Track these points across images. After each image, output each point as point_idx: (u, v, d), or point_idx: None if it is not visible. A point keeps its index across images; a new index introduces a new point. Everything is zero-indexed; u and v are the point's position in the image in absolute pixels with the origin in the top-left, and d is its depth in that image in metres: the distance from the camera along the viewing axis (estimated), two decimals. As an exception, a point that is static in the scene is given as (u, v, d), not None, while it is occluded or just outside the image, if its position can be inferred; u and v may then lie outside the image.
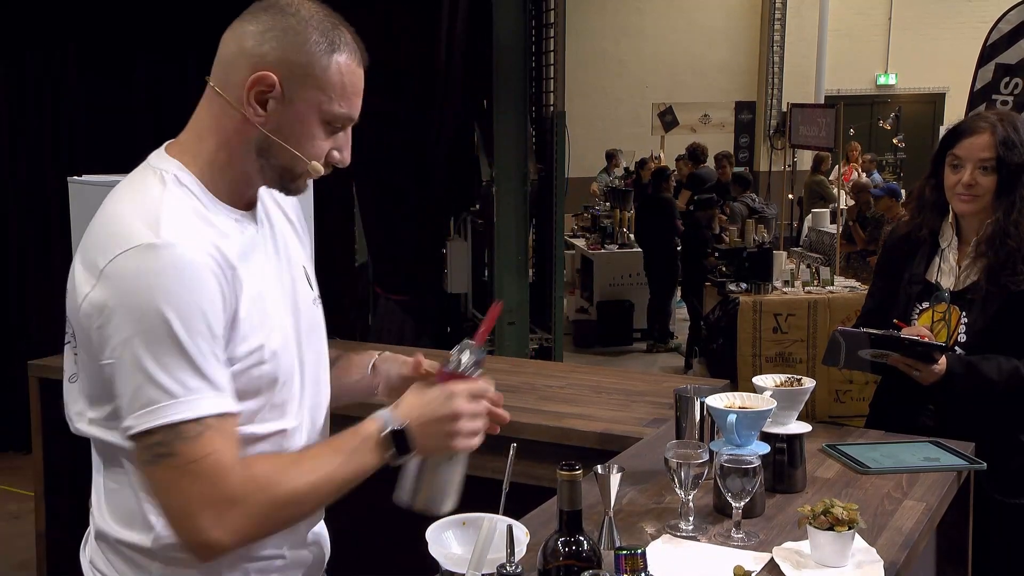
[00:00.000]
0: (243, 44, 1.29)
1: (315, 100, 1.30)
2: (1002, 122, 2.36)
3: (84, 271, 1.24)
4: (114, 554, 1.35)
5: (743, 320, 5.82)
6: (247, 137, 1.31)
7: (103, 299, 1.20)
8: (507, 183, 5.32)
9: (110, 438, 1.29)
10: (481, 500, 1.63)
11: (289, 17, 1.29)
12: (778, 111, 13.49)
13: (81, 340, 1.28)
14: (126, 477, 1.31)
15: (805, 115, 7.30)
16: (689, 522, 1.73)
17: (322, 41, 1.29)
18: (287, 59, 1.28)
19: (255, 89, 1.28)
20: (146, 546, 1.31)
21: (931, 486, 1.96)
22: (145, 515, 1.30)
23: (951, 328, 2.38)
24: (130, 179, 1.34)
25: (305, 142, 1.31)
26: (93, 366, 1.26)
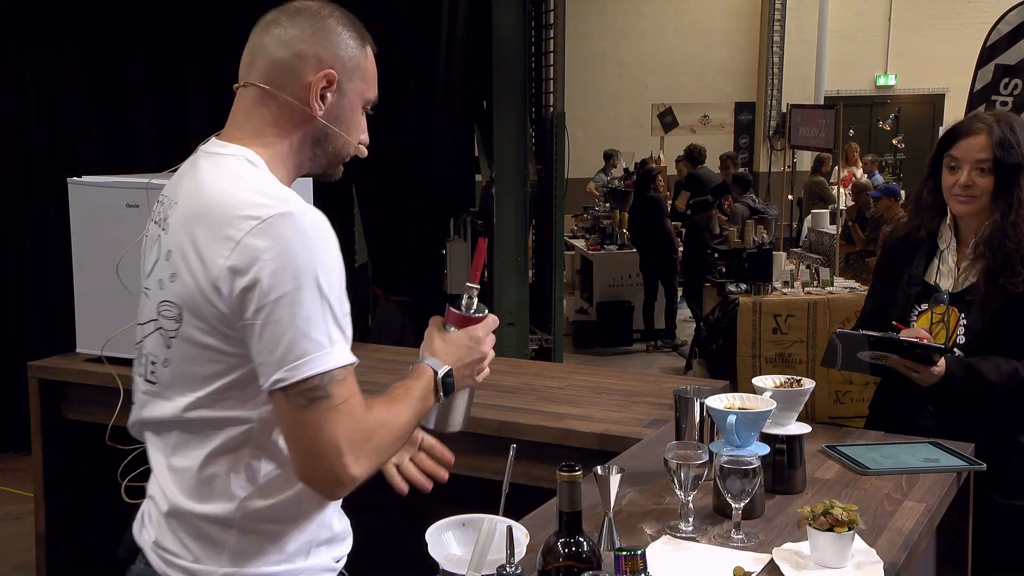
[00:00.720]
0: (295, 48, 1.42)
1: (359, 89, 1.48)
2: (999, 123, 2.35)
3: (213, 245, 1.30)
4: (187, 531, 1.40)
5: (743, 321, 5.82)
6: (307, 129, 1.45)
7: (246, 265, 1.28)
8: (507, 184, 5.32)
9: (212, 413, 1.36)
10: (481, 501, 1.63)
11: (326, 19, 1.45)
12: (778, 112, 13.50)
13: (203, 313, 1.32)
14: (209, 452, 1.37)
15: (805, 116, 7.30)
16: (689, 523, 1.73)
17: (356, 36, 1.47)
18: (339, 56, 1.44)
19: (316, 87, 1.43)
20: (226, 516, 1.38)
21: (931, 487, 1.96)
22: (228, 487, 1.37)
23: (950, 330, 2.38)
24: (213, 164, 1.41)
25: (353, 128, 1.49)
26: (213, 336, 1.32)
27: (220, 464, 1.38)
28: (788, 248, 7.94)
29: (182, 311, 1.35)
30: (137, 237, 2.78)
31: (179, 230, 1.37)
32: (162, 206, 1.47)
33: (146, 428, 1.47)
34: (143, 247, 1.53)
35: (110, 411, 3.25)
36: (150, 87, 5.39)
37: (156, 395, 1.42)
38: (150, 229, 1.49)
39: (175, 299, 1.36)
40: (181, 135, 5.33)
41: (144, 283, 1.46)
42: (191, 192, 1.39)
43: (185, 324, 1.35)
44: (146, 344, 1.44)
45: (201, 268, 1.31)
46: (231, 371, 1.34)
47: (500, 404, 2.73)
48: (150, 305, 1.42)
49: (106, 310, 3.11)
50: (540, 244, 5.93)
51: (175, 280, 1.35)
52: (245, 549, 1.39)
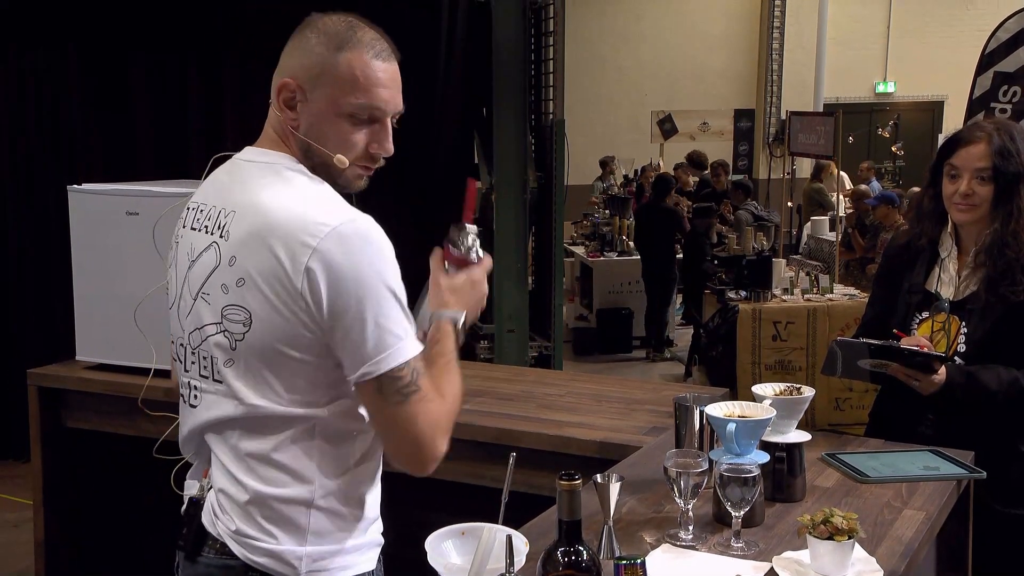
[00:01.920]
0: (280, 60, 1.52)
1: (331, 96, 1.47)
2: (999, 131, 2.35)
3: (288, 253, 1.38)
4: (268, 517, 1.47)
5: (742, 328, 5.82)
6: (294, 139, 1.51)
7: (323, 270, 1.37)
8: (507, 191, 5.32)
9: (279, 410, 1.44)
10: (480, 509, 1.63)
11: (306, 29, 1.50)
12: (777, 119, 13.49)
13: (277, 317, 1.40)
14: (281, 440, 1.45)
15: (804, 123, 7.31)
16: (689, 531, 1.73)
17: (329, 42, 1.47)
18: (301, 64, 1.48)
19: (281, 95, 1.49)
20: (305, 498, 1.47)
21: (931, 495, 1.96)
22: (304, 471, 1.46)
23: (951, 338, 2.37)
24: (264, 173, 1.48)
25: (330, 138, 1.49)
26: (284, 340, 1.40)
27: (294, 450, 1.46)
28: (788, 255, 7.94)
29: (251, 315, 1.42)
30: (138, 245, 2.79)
31: (248, 238, 1.42)
32: (203, 213, 1.52)
33: (210, 429, 1.51)
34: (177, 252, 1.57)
35: (110, 418, 3.25)
36: (150, 87, 5.39)
37: (223, 394, 1.48)
38: (190, 236, 1.53)
39: (243, 304, 1.42)
40: (181, 135, 5.34)
41: (198, 288, 1.49)
42: (252, 202, 1.45)
43: (255, 328, 1.42)
44: (206, 346, 1.49)
45: (277, 275, 1.39)
46: (300, 373, 1.43)
47: (500, 412, 2.72)
48: (211, 309, 1.47)
49: (106, 317, 3.11)
50: (540, 251, 5.93)
51: (243, 285, 1.42)
52: (322, 528, 1.49)
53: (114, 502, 3.39)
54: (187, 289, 1.52)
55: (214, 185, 1.56)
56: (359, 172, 1.54)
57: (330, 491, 1.49)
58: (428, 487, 2.55)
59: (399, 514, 1.70)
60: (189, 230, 1.54)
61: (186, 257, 1.53)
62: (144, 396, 2.87)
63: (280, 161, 1.49)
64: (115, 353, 3.14)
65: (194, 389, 1.53)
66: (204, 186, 1.59)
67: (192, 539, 1.52)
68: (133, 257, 2.92)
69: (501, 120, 5.32)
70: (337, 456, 1.49)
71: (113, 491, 3.38)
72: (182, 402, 1.58)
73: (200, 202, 1.55)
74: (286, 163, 1.49)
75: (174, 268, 1.58)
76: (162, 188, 3.03)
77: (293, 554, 1.47)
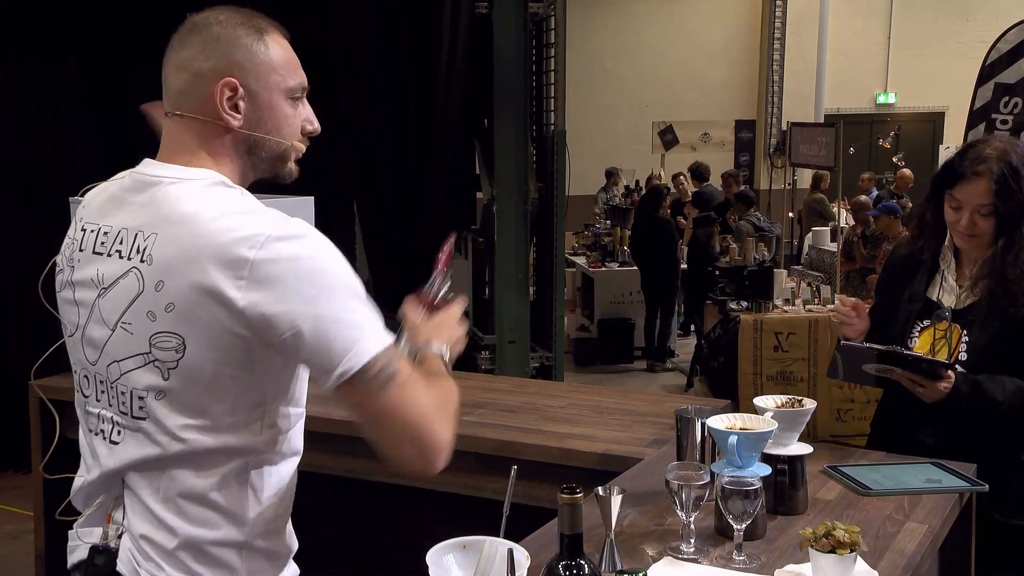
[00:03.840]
0: (191, 68, 1.41)
1: (273, 82, 1.43)
2: (1000, 161, 2.28)
3: (224, 270, 1.30)
4: (199, 560, 1.40)
5: (744, 338, 5.81)
6: (235, 142, 1.43)
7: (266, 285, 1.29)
8: (508, 201, 5.33)
9: (215, 442, 1.37)
10: (481, 522, 1.63)
11: (213, 27, 1.42)
12: (778, 130, 13.52)
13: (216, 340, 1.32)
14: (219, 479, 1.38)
15: (805, 134, 7.31)
16: (690, 544, 1.73)
17: (249, 30, 1.42)
18: (234, 60, 1.40)
19: (223, 97, 1.40)
20: (238, 539, 1.41)
21: (933, 508, 1.95)
22: (239, 510, 1.40)
23: (952, 346, 2.37)
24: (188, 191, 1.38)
25: (282, 125, 1.45)
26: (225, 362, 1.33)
27: (230, 489, 1.39)
28: (789, 265, 7.94)
29: (184, 340, 1.33)
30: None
31: (176, 260, 1.33)
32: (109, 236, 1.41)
33: (134, 469, 1.41)
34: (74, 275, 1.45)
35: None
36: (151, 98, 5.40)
37: (152, 431, 1.38)
38: (94, 261, 1.42)
39: (175, 330, 1.33)
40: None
41: (116, 318, 1.38)
42: (178, 221, 1.35)
43: (189, 352, 1.33)
44: (128, 380, 1.38)
45: (212, 295, 1.30)
46: (241, 395, 1.36)
47: (501, 423, 2.72)
48: (135, 339, 1.36)
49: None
50: (541, 261, 5.94)
51: (172, 310, 1.32)
52: (254, 568, 1.43)
53: (114, 514, 3.38)
54: (97, 317, 1.41)
55: (116, 205, 1.43)
56: (296, 155, 1.50)
57: (261, 530, 1.43)
58: (429, 499, 2.55)
59: (400, 527, 1.70)
60: (91, 254, 1.43)
61: (92, 284, 1.42)
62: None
63: (201, 177, 1.39)
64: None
65: (115, 424, 1.42)
66: (99, 206, 1.47)
67: None
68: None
69: (502, 131, 5.33)
70: (267, 492, 1.43)
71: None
72: (93, 439, 1.47)
73: (100, 223, 1.43)
74: (209, 178, 1.40)
75: (71, 292, 1.46)
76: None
77: None
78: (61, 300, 1.50)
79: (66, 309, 1.49)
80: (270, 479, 1.43)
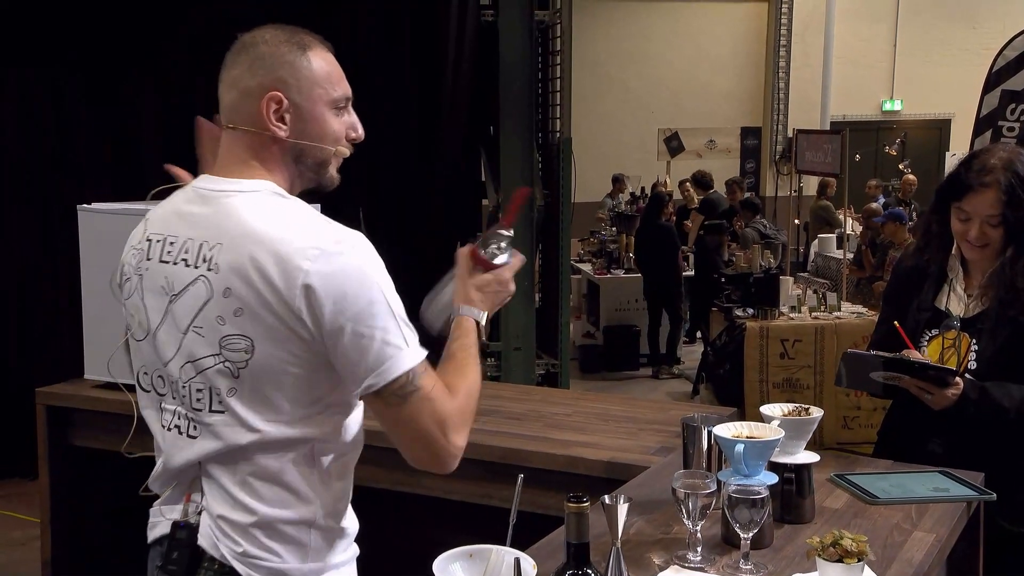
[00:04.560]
0: (240, 86, 1.53)
1: (317, 95, 1.53)
2: (1007, 171, 2.27)
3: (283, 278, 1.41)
4: (273, 538, 1.50)
5: (750, 346, 5.80)
6: (283, 151, 1.54)
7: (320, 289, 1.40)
8: (513, 209, 5.32)
9: (285, 433, 1.48)
10: (487, 530, 1.63)
11: (259, 46, 1.53)
12: (784, 137, 13.52)
13: (280, 341, 1.43)
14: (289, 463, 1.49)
15: (811, 141, 7.32)
16: (697, 553, 1.72)
17: (293, 47, 1.53)
18: (278, 76, 1.51)
19: (269, 109, 1.51)
20: (308, 518, 1.52)
21: (941, 517, 1.95)
22: (309, 492, 1.51)
23: (961, 355, 2.36)
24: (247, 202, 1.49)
25: (326, 133, 1.55)
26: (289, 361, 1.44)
27: (299, 471, 1.50)
28: (795, 273, 7.93)
29: (254, 342, 1.44)
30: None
31: (240, 268, 1.44)
32: (176, 246, 1.51)
33: (214, 459, 1.51)
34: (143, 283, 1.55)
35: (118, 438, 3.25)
36: (158, 115, 5.43)
37: (229, 423, 1.49)
38: (162, 269, 1.52)
39: (244, 332, 1.44)
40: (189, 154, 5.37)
41: (187, 322, 1.49)
42: (241, 233, 1.46)
43: (258, 352, 1.44)
44: (203, 378, 1.49)
45: (275, 299, 1.42)
46: (306, 390, 1.47)
47: (507, 431, 2.72)
48: (206, 341, 1.47)
49: (114, 337, 3.11)
50: (546, 268, 5.94)
51: (241, 315, 1.44)
52: (319, 546, 1.54)
53: (120, 521, 3.39)
54: (170, 322, 1.51)
55: (180, 217, 1.55)
56: (339, 162, 1.60)
57: (327, 510, 1.54)
58: (435, 507, 2.55)
59: (406, 534, 1.70)
60: (158, 262, 1.54)
61: (162, 291, 1.52)
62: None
63: (261, 188, 1.51)
64: (123, 372, 3.14)
65: (189, 421, 1.53)
66: (164, 218, 1.58)
67: (186, 562, 1.52)
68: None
69: (508, 138, 5.34)
70: (332, 475, 1.54)
71: (120, 510, 3.38)
72: (168, 433, 1.56)
73: (166, 234, 1.55)
74: (265, 189, 1.51)
75: (139, 299, 1.56)
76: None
77: (299, 571, 1.52)
78: (130, 305, 1.60)
79: (135, 314, 1.58)
80: (336, 463, 1.54)
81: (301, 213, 1.49)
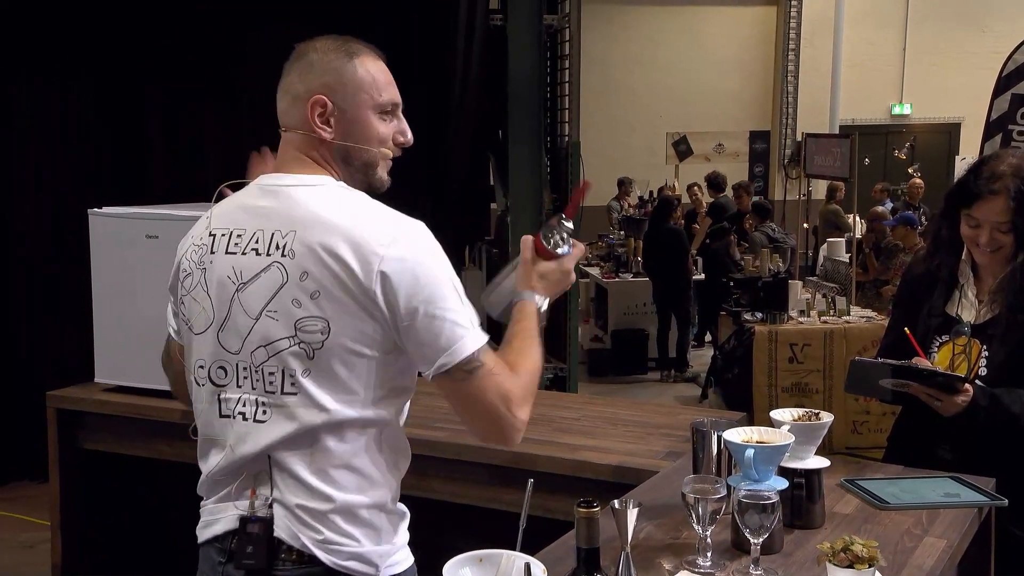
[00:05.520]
0: (291, 91, 1.62)
1: (362, 100, 1.61)
2: (1016, 178, 2.27)
3: (360, 262, 1.49)
4: (352, 523, 1.56)
5: (759, 350, 5.79)
6: (331, 152, 1.62)
7: (394, 275, 1.49)
8: (522, 213, 5.33)
9: (357, 414, 1.54)
10: (497, 535, 1.63)
11: (310, 54, 1.63)
12: (792, 140, 13.49)
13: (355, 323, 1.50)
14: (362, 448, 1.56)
15: (820, 145, 7.31)
16: (707, 558, 1.72)
17: (340, 55, 1.61)
18: (324, 81, 1.60)
19: (315, 112, 1.60)
20: (382, 501, 1.59)
21: (952, 522, 1.94)
22: (381, 476, 1.59)
23: (972, 361, 2.36)
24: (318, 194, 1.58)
25: (370, 136, 1.62)
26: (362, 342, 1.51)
27: (369, 456, 1.57)
28: (804, 277, 7.91)
29: (329, 323, 1.50)
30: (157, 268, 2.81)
31: (317, 253, 1.51)
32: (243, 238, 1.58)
33: (284, 444, 1.54)
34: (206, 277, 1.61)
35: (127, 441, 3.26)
36: (165, 119, 5.46)
37: (302, 404, 1.54)
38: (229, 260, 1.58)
39: (321, 314, 1.51)
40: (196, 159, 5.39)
41: (260, 307, 1.55)
42: (313, 220, 1.54)
43: (333, 334, 1.51)
44: (276, 361, 1.54)
45: (352, 282, 1.49)
46: (377, 371, 1.54)
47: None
48: (281, 324, 1.53)
49: (125, 340, 3.13)
50: (555, 273, 5.93)
51: (318, 297, 1.51)
52: (391, 528, 1.62)
53: (130, 524, 3.40)
54: (239, 309, 1.56)
55: (247, 210, 1.61)
56: (388, 164, 1.67)
57: (394, 493, 1.63)
58: (445, 511, 2.55)
59: (416, 539, 1.70)
60: (223, 255, 1.59)
61: (228, 281, 1.57)
62: (164, 419, 2.88)
63: (325, 182, 1.60)
64: (133, 376, 3.16)
65: (259, 405, 1.56)
66: (228, 213, 1.64)
67: (265, 554, 1.55)
68: (152, 280, 2.93)
69: (516, 142, 5.34)
70: (396, 459, 1.63)
71: (130, 513, 3.39)
72: (229, 423, 1.59)
73: (232, 228, 1.61)
74: (331, 182, 1.60)
75: (204, 290, 1.61)
76: (182, 212, 3.06)
77: (376, 553, 1.58)
78: (189, 300, 1.64)
79: (197, 307, 1.63)
80: (398, 444, 1.63)
81: (367, 203, 1.58)
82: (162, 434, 3.03)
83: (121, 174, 5.40)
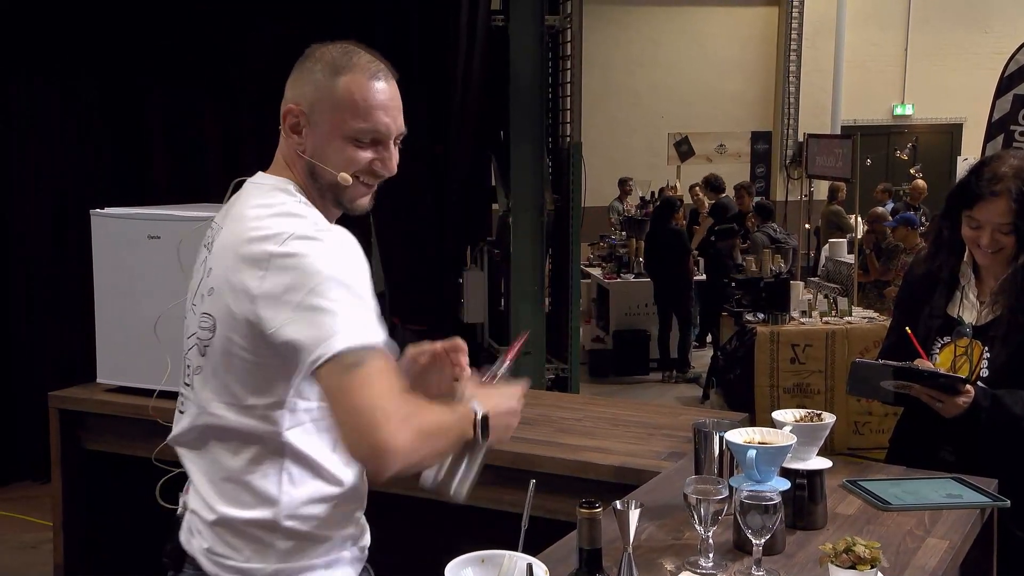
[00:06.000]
0: (285, 93, 1.58)
1: (335, 120, 1.52)
2: (1017, 179, 2.27)
3: (249, 260, 1.43)
4: (236, 536, 1.51)
5: (760, 351, 5.78)
6: (302, 164, 1.56)
7: (281, 270, 1.40)
8: (523, 213, 5.33)
9: (239, 422, 1.49)
10: (499, 536, 1.63)
11: (307, 61, 1.57)
12: (794, 141, 13.49)
13: (236, 323, 1.44)
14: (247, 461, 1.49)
15: (822, 146, 7.31)
16: (709, 559, 1.72)
17: (327, 69, 1.53)
18: (303, 91, 1.55)
19: (287, 121, 1.57)
20: (270, 519, 1.50)
21: (954, 523, 1.94)
22: (269, 493, 1.50)
23: (973, 363, 2.36)
24: (253, 193, 1.55)
25: (334, 157, 1.53)
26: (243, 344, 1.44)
27: (262, 471, 1.50)
28: (806, 277, 7.90)
29: (216, 322, 1.48)
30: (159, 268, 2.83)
31: (221, 250, 1.51)
32: (211, 232, 1.61)
33: (182, 440, 1.57)
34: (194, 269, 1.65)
35: (129, 441, 3.26)
36: (165, 119, 5.46)
37: (192, 401, 1.55)
38: (201, 252, 1.62)
39: (211, 311, 1.49)
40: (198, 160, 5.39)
41: (191, 300, 1.59)
42: (232, 217, 1.54)
43: (218, 334, 1.48)
44: (189, 355, 1.57)
45: (239, 280, 1.44)
46: (256, 377, 1.47)
47: (517, 436, 2.69)
48: (195, 319, 1.55)
49: (127, 341, 3.13)
50: (556, 273, 5.93)
51: (212, 294, 1.49)
52: (288, 547, 1.52)
53: (133, 524, 3.40)
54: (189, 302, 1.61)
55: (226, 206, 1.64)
56: (363, 190, 1.58)
57: (297, 512, 1.51)
58: (446, 512, 2.54)
59: (417, 540, 1.70)
60: (202, 247, 1.63)
61: (197, 275, 1.61)
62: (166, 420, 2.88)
63: (270, 182, 1.56)
64: (135, 376, 3.16)
65: (185, 399, 1.60)
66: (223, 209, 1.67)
67: (174, 556, 1.58)
68: (154, 281, 2.94)
69: (518, 143, 5.34)
70: (304, 477, 1.52)
71: (132, 513, 3.39)
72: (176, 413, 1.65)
73: (215, 222, 1.64)
74: (275, 183, 1.55)
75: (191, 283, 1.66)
76: (183, 212, 3.06)
77: (262, 571, 1.51)
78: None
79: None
80: (303, 466, 1.51)
81: (289, 204, 1.50)
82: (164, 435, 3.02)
83: (121, 174, 5.41)
